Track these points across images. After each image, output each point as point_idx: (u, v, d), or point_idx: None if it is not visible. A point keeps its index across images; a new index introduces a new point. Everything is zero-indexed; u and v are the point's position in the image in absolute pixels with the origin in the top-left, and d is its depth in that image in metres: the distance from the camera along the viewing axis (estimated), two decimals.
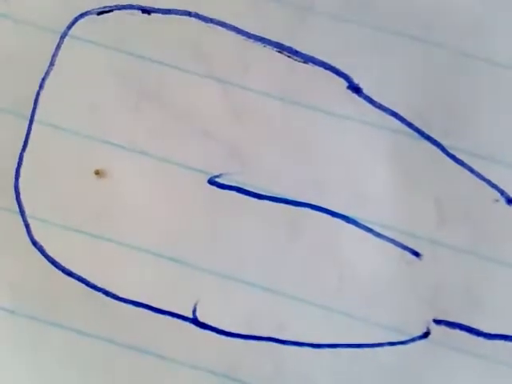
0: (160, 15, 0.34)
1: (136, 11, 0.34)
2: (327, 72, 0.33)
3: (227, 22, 0.34)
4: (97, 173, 0.33)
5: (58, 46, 0.34)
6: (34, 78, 0.34)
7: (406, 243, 0.33)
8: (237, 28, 0.34)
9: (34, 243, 0.33)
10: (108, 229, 0.33)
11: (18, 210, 0.34)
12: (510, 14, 0.34)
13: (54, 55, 0.34)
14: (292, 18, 0.34)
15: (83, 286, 0.33)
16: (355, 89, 0.33)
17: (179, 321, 0.33)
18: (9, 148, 0.34)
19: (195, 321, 0.33)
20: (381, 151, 0.33)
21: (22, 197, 0.34)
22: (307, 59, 0.34)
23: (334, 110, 0.33)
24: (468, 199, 0.33)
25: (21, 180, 0.34)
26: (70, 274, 0.33)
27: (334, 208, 0.33)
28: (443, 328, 0.32)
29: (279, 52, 0.34)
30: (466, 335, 0.32)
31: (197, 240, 0.33)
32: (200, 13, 0.34)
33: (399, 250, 0.33)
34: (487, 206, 0.33)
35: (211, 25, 0.34)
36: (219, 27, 0.34)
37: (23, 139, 0.34)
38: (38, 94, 0.34)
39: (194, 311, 0.33)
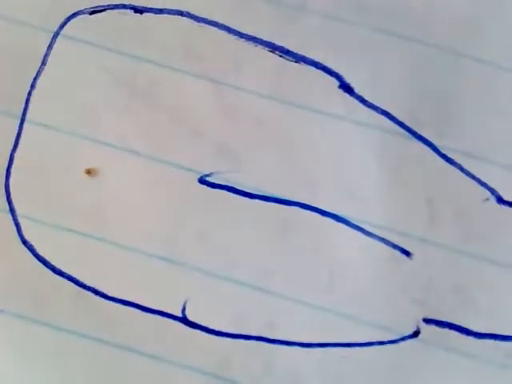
0: (152, 15, 0.34)
1: (128, 11, 0.34)
2: (319, 71, 0.34)
3: (219, 21, 0.34)
4: (88, 172, 0.33)
5: (50, 46, 0.34)
6: (26, 78, 0.34)
7: (396, 242, 0.33)
8: (228, 27, 0.34)
9: (25, 242, 0.33)
10: (98, 228, 0.33)
11: (8, 209, 0.33)
12: (500, 14, 0.34)
13: (46, 54, 0.34)
14: (283, 18, 0.34)
15: (73, 285, 0.33)
16: (347, 88, 0.33)
17: (168, 320, 0.33)
18: None
19: (184, 320, 0.33)
20: (372, 150, 0.33)
21: (13, 196, 0.33)
22: (299, 58, 0.34)
23: (325, 109, 0.33)
24: (459, 198, 0.33)
25: (11, 179, 0.34)
26: (60, 273, 0.33)
27: (325, 207, 0.33)
28: (433, 327, 0.32)
29: (271, 51, 0.34)
30: (456, 334, 0.32)
31: (187, 239, 0.33)
32: (192, 12, 0.34)
33: (390, 249, 0.33)
34: (478, 205, 0.33)
35: (203, 24, 0.34)
36: (211, 27, 0.34)
37: (14, 139, 0.34)
38: (29, 94, 0.34)
39: (184, 310, 0.33)
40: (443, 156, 0.33)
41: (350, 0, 0.34)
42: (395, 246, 0.33)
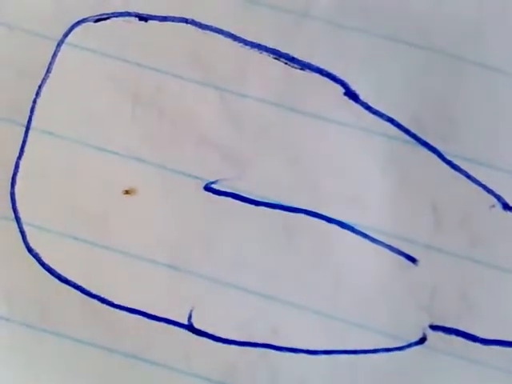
0: (157, 22, 0.34)
1: (133, 18, 0.34)
2: (324, 78, 0.33)
3: (224, 28, 0.34)
4: (126, 192, 0.33)
5: (55, 54, 0.34)
6: (31, 86, 0.34)
7: (401, 249, 0.33)
8: (233, 35, 0.34)
9: (30, 250, 0.33)
10: (104, 236, 0.33)
11: (13, 217, 0.33)
12: (503, 19, 0.34)
13: (51, 63, 0.34)
14: (288, 25, 0.34)
15: (79, 293, 0.33)
16: (352, 95, 0.33)
17: (174, 327, 0.33)
18: (5, 155, 0.34)
19: (191, 327, 0.33)
20: (377, 157, 0.33)
21: (18, 204, 0.33)
22: (304, 66, 0.34)
23: (330, 116, 0.33)
24: (464, 205, 0.33)
25: (17, 187, 0.34)
26: (65, 281, 0.33)
27: (330, 214, 0.33)
28: (439, 334, 0.32)
29: (276, 59, 0.34)
30: (463, 341, 0.32)
31: (192, 246, 0.33)
32: (197, 20, 0.34)
33: (395, 255, 0.33)
34: (484, 212, 0.33)
35: (208, 32, 0.34)
36: (216, 34, 0.34)
37: (19, 146, 0.34)
38: (34, 102, 0.34)
39: (190, 318, 0.33)
40: (448, 162, 0.33)
41: (354, 6, 0.34)
42: (401, 253, 0.33)
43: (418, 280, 0.32)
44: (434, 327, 0.32)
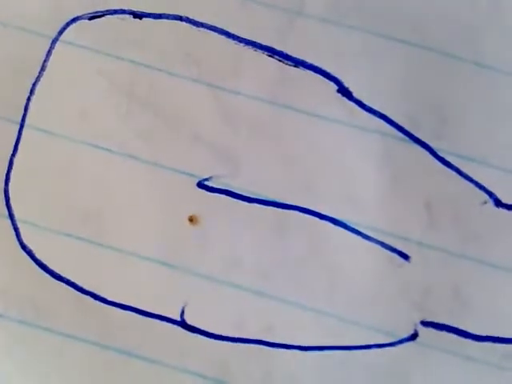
0: (151, 20, 0.34)
1: (127, 16, 0.34)
2: (317, 76, 0.34)
3: (218, 26, 0.34)
4: (191, 219, 0.33)
5: (49, 51, 0.34)
6: (25, 83, 0.34)
7: (394, 246, 0.33)
8: (227, 32, 0.34)
9: (24, 247, 0.33)
10: (97, 233, 0.33)
11: (7, 214, 0.33)
12: (498, 17, 0.34)
13: (45, 60, 0.34)
14: (282, 22, 0.34)
15: (72, 289, 0.33)
16: (345, 92, 0.33)
17: (168, 324, 0.33)
18: None
19: (183, 324, 0.33)
20: (371, 154, 0.33)
21: (12, 201, 0.33)
22: (298, 63, 0.34)
23: (324, 113, 0.33)
24: (457, 201, 0.33)
25: (11, 185, 0.34)
26: (59, 278, 0.33)
27: (324, 211, 0.33)
28: (431, 330, 0.32)
29: (270, 56, 0.34)
30: (454, 337, 0.32)
31: (186, 243, 0.33)
32: (191, 17, 0.34)
33: (388, 252, 0.33)
34: (476, 208, 0.33)
35: (202, 29, 0.34)
36: (210, 31, 0.34)
37: (13, 144, 0.34)
38: (28, 99, 0.34)
39: (182, 314, 0.33)
40: (441, 159, 0.33)
41: (348, 4, 0.34)
42: (393, 250, 0.33)
43: (411, 277, 0.33)
44: (425, 323, 0.32)
